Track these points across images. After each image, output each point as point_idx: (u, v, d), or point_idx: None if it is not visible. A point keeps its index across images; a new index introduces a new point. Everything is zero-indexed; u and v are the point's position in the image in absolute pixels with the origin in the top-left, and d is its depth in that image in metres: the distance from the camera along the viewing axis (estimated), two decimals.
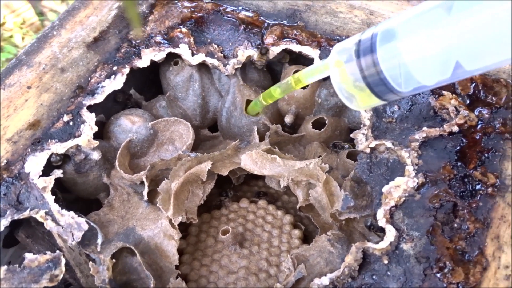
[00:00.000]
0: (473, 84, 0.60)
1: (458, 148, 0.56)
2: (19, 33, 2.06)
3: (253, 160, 0.63)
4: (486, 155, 0.55)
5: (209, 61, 0.69)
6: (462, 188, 0.53)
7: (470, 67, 0.39)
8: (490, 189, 0.52)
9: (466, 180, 0.53)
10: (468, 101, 0.59)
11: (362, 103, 0.48)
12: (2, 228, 0.56)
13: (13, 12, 2.08)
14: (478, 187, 0.53)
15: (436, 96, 0.60)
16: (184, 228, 0.66)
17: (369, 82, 0.45)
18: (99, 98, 0.66)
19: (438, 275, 0.48)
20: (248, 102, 0.69)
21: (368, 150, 0.58)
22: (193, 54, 0.70)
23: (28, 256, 0.55)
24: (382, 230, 0.54)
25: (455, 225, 0.51)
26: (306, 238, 0.67)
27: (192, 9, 0.74)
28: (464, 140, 0.56)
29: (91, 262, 0.55)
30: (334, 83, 0.49)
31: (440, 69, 0.40)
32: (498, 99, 0.58)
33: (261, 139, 0.68)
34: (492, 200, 0.52)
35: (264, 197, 0.71)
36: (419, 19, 0.41)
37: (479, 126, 0.57)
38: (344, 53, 0.47)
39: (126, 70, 0.68)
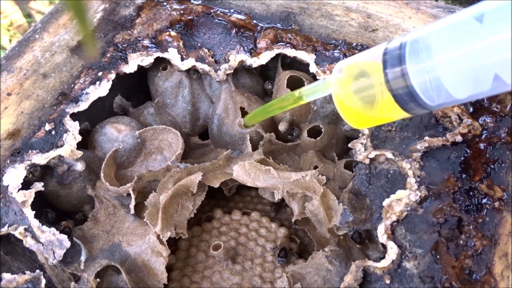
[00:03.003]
0: None
1: (462, 159, 0.53)
2: (6, 35, 2.01)
3: (246, 171, 0.59)
4: (491, 166, 0.52)
5: (200, 66, 0.66)
6: (467, 202, 0.50)
7: (509, 80, 0.36)
8: (496, 203, 0.49)
9: (471, 193, 0.51)
10: (471, 109, 0.56)
11: (367, 121, 0.46)
12: None
13: (0, 14, 2.03)
14: (484, 200, 0.50)
15: None
16: (173, 242, 0.63)
17: (395, 94, 0.42)
18: (83, 106, 0.62)
19: None
20: (241, 110, 0.66)
21: (367, 161, 0.56)
22: (182, 59, 0.66)
23: (6, 276, 0.52)
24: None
25: (461, 241, 0.48)
26: (302, 252, 0.64)
27: (181, 12, 0.71)
28: (468, 151, 0.53)
29: (73, 283, 0.52)
30: (336, 102, 0.47)
31: (477, 82, 0.37)
32: (502, 107, 0.56)
33: (254, 148, 0.64)
34: (499, 215, 0.49)
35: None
36: (451, 29, 0.38)
37: (483, 136, 0.54)
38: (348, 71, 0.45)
39: (112, 76, 0.65)
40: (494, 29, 0.35)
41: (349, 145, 0.58)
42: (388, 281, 0.47)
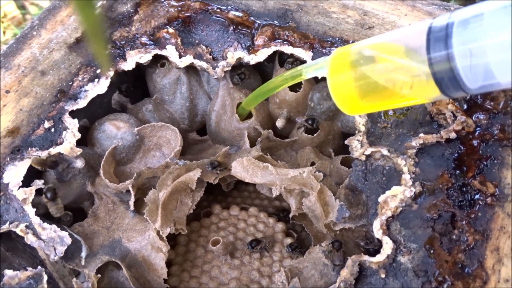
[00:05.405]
0: None
1: (455, 155, 0.54)
2: (0, 27, 2.00)
3: (244, 168, 0.60)
4: (484, 163, 0.53)
5: (198, 63, 0.66)
6: (461, 198, 0.51)
7: None
8: (489, 199, 0.51)
9: (464, 189, 0.52)
10: (465, 106, 0.57)
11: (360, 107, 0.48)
12: None
13: None
14: (476, 196, 0.51)
15: None
16: (172, 237, 0.64)
17: (437, 78, 0.41)
18: (82, 103, 0.63)
19: None
20: (239, 105, 0.66)
21: (363, 158, 0.57)
22: (180, 56, 0.67)
23: (8, 273, 0.53)
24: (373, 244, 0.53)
25: (454, 236, 0.49)
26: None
27: (179, 9, 0.71)
28: (462, 147, 0.54)
29: (74, 278, 0.53)
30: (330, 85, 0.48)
31: None
32: (495, 104, 0.57)
33: (252, 144, 0.65)
34: (491, 210, 0.50)
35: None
36: (504, 11, 0.38)
37: (477, 133, 0.55)
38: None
39: (111, 73, 0.65)
40: None
41: (346, 142, 0.59)
42: (383, 275, 0.49)
